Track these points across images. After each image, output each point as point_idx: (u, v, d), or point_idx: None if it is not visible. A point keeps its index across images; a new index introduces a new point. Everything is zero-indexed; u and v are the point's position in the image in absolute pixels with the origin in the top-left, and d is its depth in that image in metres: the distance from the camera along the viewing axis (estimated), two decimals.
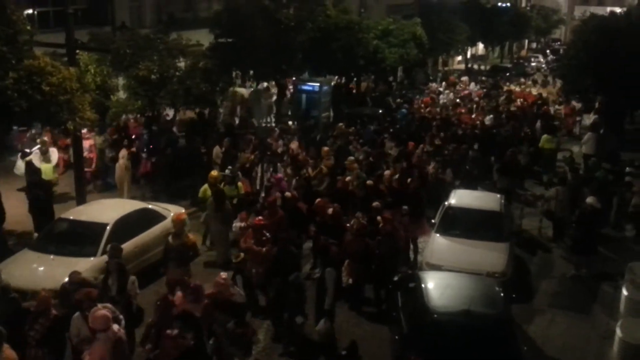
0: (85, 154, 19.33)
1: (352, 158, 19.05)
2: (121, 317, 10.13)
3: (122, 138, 20.92)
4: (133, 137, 21.51)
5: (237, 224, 14.90)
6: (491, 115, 29.17)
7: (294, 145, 20.93)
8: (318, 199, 15.54)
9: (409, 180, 17.22)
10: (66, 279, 12.17)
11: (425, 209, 16.70)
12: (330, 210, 14.42)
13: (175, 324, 9.60)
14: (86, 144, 19.54)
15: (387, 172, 17.97)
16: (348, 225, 14.28)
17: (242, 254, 13.05)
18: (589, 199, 16.06)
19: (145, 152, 20.81)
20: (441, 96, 36.60)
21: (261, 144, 20.74)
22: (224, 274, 11.20)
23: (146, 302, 13.29)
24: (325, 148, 19.98)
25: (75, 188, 17.84)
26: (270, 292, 12.86)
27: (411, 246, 16.02)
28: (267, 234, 13.61)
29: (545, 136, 24.55)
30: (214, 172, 16.86)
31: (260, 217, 14.14)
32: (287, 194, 15.85)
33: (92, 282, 11.52)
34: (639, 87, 25.32)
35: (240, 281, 12.10)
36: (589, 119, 30.34)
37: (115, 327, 9.62)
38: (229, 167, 18.31)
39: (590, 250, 15.75)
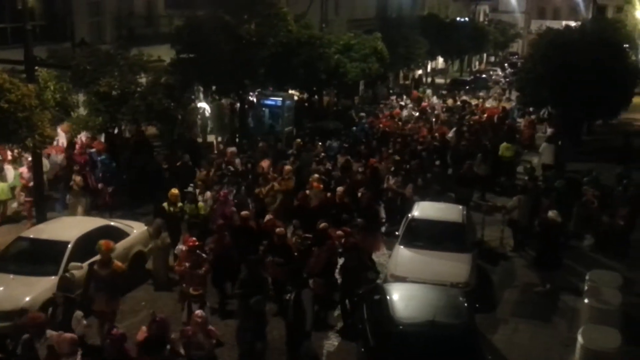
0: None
1: (316, 176, 18.65)
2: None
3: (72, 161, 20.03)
4: (83, 162, 19.90)
5: (180, 247, 14.40)
6: (454, 129, 29.48)
7: (265, 163, 20.31)
8: (267, 218, 15.29)
9: (359, 194, 17.02)
10: (27, 299, 12.03)
11: (380, 224, 16.68)
12: (277, 230, 14.05)
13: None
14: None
15: (339, 189, 17.56)
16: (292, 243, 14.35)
17: (200, 290, 12.63)
18: (551, 213, 16.09)
19: (102, 181, 19.54)
20: (404, 110, 36.86)
21: (224, 162, 20.39)
22: (199, 312, 10.82)
23: None
24: (287, 167, 19.45)
25: (35, 206, 17.57)
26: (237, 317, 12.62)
27: None
28: (204, 255, 13.18)
29: (503, 144, 25.01)
30: (175, 190, 16.44)
31: (193, 238, 13.50)
32: (244, 212, 15.33)
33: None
34: (594, 99, 25.95)
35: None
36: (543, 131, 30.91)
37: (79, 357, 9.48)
38: (191, 184, 18.12)
39: (554, 263, 15.74)
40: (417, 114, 35.36)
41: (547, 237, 15.78)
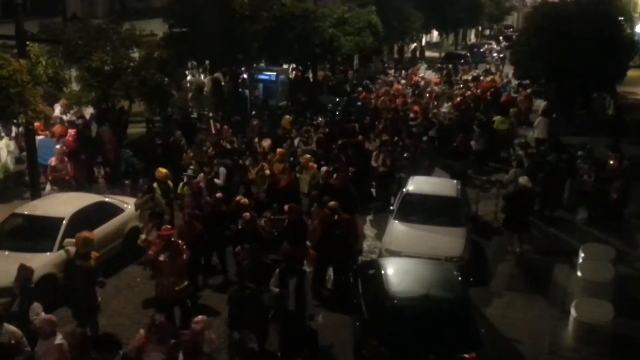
0: None
1: (308, 156, 18.15)
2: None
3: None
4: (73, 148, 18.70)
5: (143, 236, 13.79)
6: (450, 103, 29.36)
7: (265, 143, 19.80)
8: (238, 198, 14.66)
9: (334, 175, 16.56)
10: None
11: (357, 205, 16.11)
12: (243, 215, 13.45)
13: None
14: None
15: (323, 169, 17.16)
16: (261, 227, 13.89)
17: (185, 282, 11.96)
18: (521, 179, 16.77)
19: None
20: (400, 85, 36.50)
21: (222, 140, 19.96)
22: (201, 317, 9.86)
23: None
24: (280, 149, 18.49)
25: (30, 183, 17.51)
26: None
27: None
28: (181, 242, 12.21)
29: (498, 118, 25.02)
30: (163, 170, 16.05)
31: (168, 226, 12.69)
32: (219, 195, 14.70)
33: None
34: (589, 72, 25.91)
35: (179, 313, 11.35)
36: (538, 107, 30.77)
37: (60, 338, 9.32)
38: (191, 167, 17.80)
39: (520, 227, 16.37)
40: (410, 87, 35.09)
41: (517, 201, 16.22)
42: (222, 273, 14.33)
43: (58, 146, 18.24)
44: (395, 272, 11.91)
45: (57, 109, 21.43)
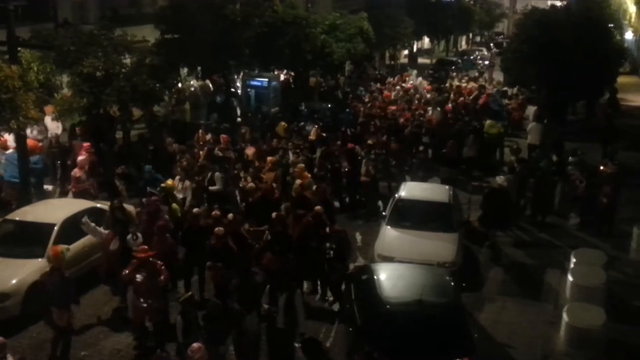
0: None
1: (302, 165, 17.89)
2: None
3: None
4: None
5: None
6: (438, 109, 29.35)
7: (250, 151, 19.73)
8: (214, 212, 14.15)
9: (314, 187, 16.44)
10: (14, 281, 11.96)
11: (334, 215, 16.03)
12: (215, 230, 12.85)
13: None
14: None
15: (297, 181, 16.62)
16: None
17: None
18: (499, 179, 17.31)
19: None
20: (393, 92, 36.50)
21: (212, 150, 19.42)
22: (197, 345, 9.22)
23: (93, 303, 13.08)
24: (270, 158, 18.31)
25: (20, 189, 17.42)
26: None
27: None
28: (159, 262, 11.60)
29: (488, 122, 25.04)
30: (170, 182, 15.88)
31: (145, 247, 11.90)
32: (196, 210, 14.34)
33: None
34: (580, 79, 26.03)
35: (181, 326, 10.79)
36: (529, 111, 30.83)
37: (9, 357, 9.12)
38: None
39: (497, 224, 16.91)
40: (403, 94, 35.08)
41: (493, 200, 16.65)
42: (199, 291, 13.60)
43: (82, 157, 17.63)
44: (388, 278, 11.90)
45: (48, 119, 21.13)
